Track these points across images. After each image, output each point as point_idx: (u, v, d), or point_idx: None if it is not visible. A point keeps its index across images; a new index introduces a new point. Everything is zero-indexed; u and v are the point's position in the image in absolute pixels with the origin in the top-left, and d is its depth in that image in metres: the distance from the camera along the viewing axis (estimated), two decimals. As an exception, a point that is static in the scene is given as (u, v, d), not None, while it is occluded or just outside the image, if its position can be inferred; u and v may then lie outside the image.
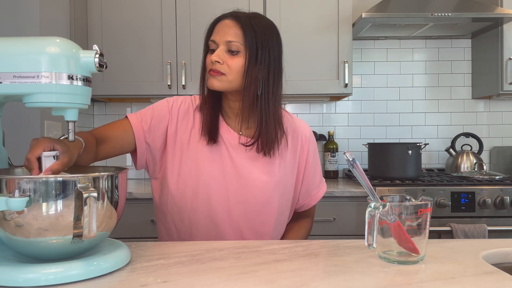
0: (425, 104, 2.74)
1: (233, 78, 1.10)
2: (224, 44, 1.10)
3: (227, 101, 1.18)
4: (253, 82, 1.11)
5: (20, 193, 0.71)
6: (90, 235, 0.72)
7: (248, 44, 1.09)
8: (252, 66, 1.10)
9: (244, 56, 1.09)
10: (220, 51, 1.10)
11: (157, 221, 1.26)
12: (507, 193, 2.04)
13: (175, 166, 1.17)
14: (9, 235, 0.74)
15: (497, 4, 2.42)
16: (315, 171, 1.29)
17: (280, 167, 1.19)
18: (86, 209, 0.71)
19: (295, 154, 1.23)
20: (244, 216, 1.16)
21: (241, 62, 1.09)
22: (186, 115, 1.20)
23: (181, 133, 1.18)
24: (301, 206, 1.30)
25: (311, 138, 1.27)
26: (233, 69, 1.09)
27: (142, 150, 1.17)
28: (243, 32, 1.09)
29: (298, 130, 1.25)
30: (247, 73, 1.10)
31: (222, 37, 1.10)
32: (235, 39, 1.09)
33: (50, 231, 0.73)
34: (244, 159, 1.17)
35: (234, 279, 0.75)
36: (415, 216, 0.84)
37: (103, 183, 0.78)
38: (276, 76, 1.14)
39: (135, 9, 2.33)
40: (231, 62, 1.09)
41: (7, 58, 0.74)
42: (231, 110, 1.19)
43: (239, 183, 1.16)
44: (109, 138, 1.12)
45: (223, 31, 1.10)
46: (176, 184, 1.16)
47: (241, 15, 1.12)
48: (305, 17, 2.35)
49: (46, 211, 0.72)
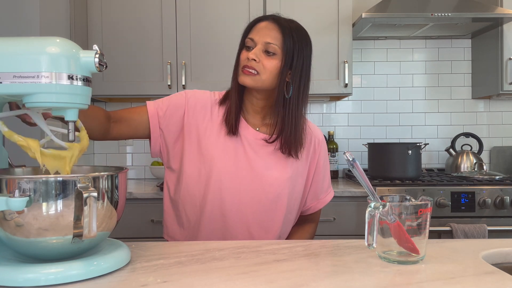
0: (425, 104, 2.74)
1: (266, 78, 1.14)
2: (262, 44, 1.14)
3: (251, 98, 1.22)
4: (283, 84, 1.16)
5: (20, 193, 0.71)
6: (90, 235, 0.72)
7: (286, 49, 1.14)
8: (286, 70, 1.15)
9: (280, 59, 1.14)
10: (257, 50, 1.14)
11: (165, 214, 1.27)
12: (507, 193, 2.04)
13: (191, 156, 1.19)
14: (9, 235, 0.74)
15: (497, 4, 2.42)
16: (325, 175, 1.32)
17: (293, 166, 1.22)
18: (86, 209, 0.71)
19: (307, 155, 1.26)
20: (253, 211, 1.18)
21: (276, 63, 1.14)
22: (203, 108, 1.23)
23: (199, 125, 1.21)
24: (307, 209, 1.32)
25: (323, 142, 1.32)
26: (267, 69, 1.14)
27: (156, 136, 1.20)
28: (283, 36, 1.14)
29: (312, 133, 1.29)
30: (281, 75, 1.15)
31: (262, 38, 1.14)
32: (274, 41, 1.14)
33: (50, 231, 0.73)
34: (259, 155, 1.20)
35: (234, 279, 0.75)
36: (415, 216, 0.84)
37: (103, 183, 0.78)
38: (307, 82, 1.20)
39: (135, 9, 2.33)
40: (266, 62, 1.14)
41: (7, 58, 0.74)
42: (252, 107, 1.23)
43: (251, 178, 1.18)
44: (124, 119, 1.17)
45: (263, 32, 1.15)
46: (191, 173, 1.19)
47: (282, 20, 1.17)
48: (305, 17, 2.33)
49: (46, 211, 0.72)
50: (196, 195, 1.19)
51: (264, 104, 1.21)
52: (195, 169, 1.19)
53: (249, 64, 1.14)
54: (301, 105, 1.19)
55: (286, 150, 1.19)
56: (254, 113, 1.23)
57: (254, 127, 1.23)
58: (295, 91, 1.17)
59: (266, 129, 1.23)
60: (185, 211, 1.21)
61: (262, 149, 1.21)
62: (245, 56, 1.15)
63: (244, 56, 1.16)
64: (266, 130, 1.23)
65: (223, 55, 2.29)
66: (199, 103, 1.23)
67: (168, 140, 1.21)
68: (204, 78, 2.32)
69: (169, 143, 1.22)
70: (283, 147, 1.19)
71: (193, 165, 1.19)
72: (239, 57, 1.19)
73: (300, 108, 1.19)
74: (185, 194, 1.20)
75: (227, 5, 2.33)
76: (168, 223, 1.27)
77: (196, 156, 1.19)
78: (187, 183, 1.20)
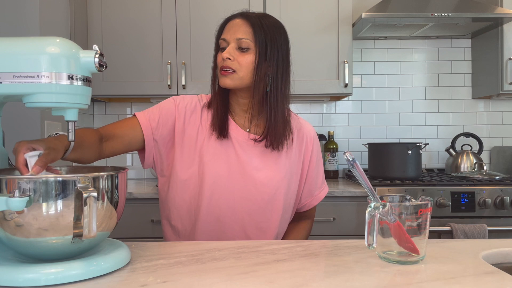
0: (425, 104, 2.74)
1: (244, 75, 1.13)
2: (234, 41, 1.13)
3: (236, 98, 1.21)
4: (263, 78, 1.14)
5: (20, 193, 0.71)
6: (90, 235, 0.72)
7: (258, 41, 1.13)
8: (261, 62, 1.13)
9: (254, 53, 1.13)
10: (230, 48, 1.13)
11: (162, 220, 1.26)
12: (507, 193, 2.04)
13: (183, 163, 1.19)
14: (9, 235, 0.74)
15: (497, 4, 2.42)
16: (318, 172, 1.31)
17: (286, 164, 1.21)
18: (86, 209, 0.71)
19: (300, 153, 1.25)
20: (249, 213, 1.18)
21: (251, 58, 1.13)
22: (193, 113, 1.22)
23: (189, 130, 1.20)
24: (302, 206, 1.32)
25: (315, 139, 1.30)
26: (243, 66, 1.13)
27: (150, 148, 1.18)
28: (253, 29, 1.13)
29: (303, 130, 1.27)
30: (257, 69, 1.13)
31: (233, 35, 1.13)
32: (245, 36, 1.13)
33: (50, 231, 0.73)
34: (251, 156, 1.19)
35: (234, 279, 0.75)
36: (415, 216, 0.84)
37: (103, 183, 0.78)
38: (285, 73, 1.17)
39: (135, 9, 2.33)
40: (241, 58, 1.13)
41: (7, 58, 0.74)
42: (239, 107, 1.22)
43: (245, 180, 1.17)
44: (117, 135, 1.13)
45: (234, 30, 1.14)
46: (183, 180, 1.18)
47: (251, 14, 1.16)
48: (305, 17, 2.35)
49: (46, 211, 0.72)
50: (189, 201, 1.18)
51: (249, 103, 1.19)
52: (187, 174, 1.18)
53: (224, 64, 1.13)
54: (281, 96, 1.17)
55: (269, 143, 1.17)
56: (243, 113, 1.22)
57: (244, 128, 1.22)
58: (273, 83, 1.15)
59: (256, 129, 1.22)
60: (180, 218, 1.20)
61: (253, 150, 1.19)
62: (221, 58, 1.14)
63: (219, 58, 1.15)
64: (256, 130, 1.21)
65: (223, 55, 2.28)
66: (188, 108, 1.21)
67: (161, 150, 1.20)
68: (204, 78, 2.32)
69: (162, 152, 1.20)
70: (267, 140, 1.18)
71: (185, 171, 1.18)
72: (215, 60, 1.18)
73: (279, 100, 1.16)
74: (180, 200, 1.19)
75: (227, 5, 2.33)
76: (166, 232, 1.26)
77: (188, 161, 1.18)
78: (181, 189, 1.18)
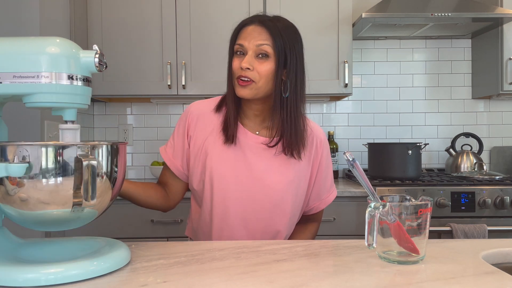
0: (425, 104, 2.74)
1: (262, 84, 1.12)
2: (253, 49, 1.11)
3: (249, 103, 1.19)
4: (280, 84, 1.13)
5: (20, 159, 0.71)
6: (90, 203, 0.72)
7: (278, 49, 1.11)
8: (281, 70, 1.12)
9: (274, 61, 1.11)
10: (249, 57, 1.11)
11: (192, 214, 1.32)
12: (507, 193, 2.04)
13: (195, 169, 1.20)
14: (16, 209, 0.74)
15: (497, 4, 2.42)
16: (327, 175, 1.30)
17: (295, 168, 1.20)
18: (86, 176, 0.71)
19: (309, 156, 1.24)
20: (257, 218, 1.18)
21: (271, 67, 1.11)
22: (201, 119, 1.22)
23: (199, 136, 1.21)
24: (310, 209, 1.31)
25: (325, 142, 1.29)
26: (262, 75, 1.11)
27: (184, 177, 1.26)
28: (272, 37, 1.11)
29: (313, 133, 1.26)
30: (276, 77, 1.12)
31: (252, 42, 1.11)
32: (265, 42, 1.11)
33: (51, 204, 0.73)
34: (259, 160, 1.18)
35: (234, 279, 0.75)
36: (415, 216, 0.84)
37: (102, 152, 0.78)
38: (303, 79, 1.17)
39: (135, 9, 2.33)
40: (260, 67, 1.11)
41: (7, 58, 0.74)
42: (251, 111, 1.20)
43: (253, 184, 1.17)
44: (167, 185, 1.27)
45: (251, 36, 1.12)
46: (196, 185, 1.21)
47: (266, 20, 1.13)
48: (305, 17, 2.35)
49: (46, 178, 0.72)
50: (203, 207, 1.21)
51: (262, 107, 1.18)
52: (200, 181, 1.20)
53: (243, 74, 1.11)
54: (300, 102, 1.17)
55: (289, 151, 1.17)
56: (253, 116, 1.20)
57: (253, 131, 1.21)
58: (292, 90, 1.14)
59: (266, 132, 1.20)
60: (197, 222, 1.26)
61: (263, 153, 1.19)
62: (238, 65, 1.12)
63: (236, 65, 1.13)
64: (266, 133, 1.20)
65: (223, 55, 2.27)
66: (199, 116, 1.22)
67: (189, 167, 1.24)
68: (204, 78, 2.32)
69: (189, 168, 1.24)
70: (286, 149, 1.17)
71: (196, 179, 1.20)
72: (231, 65, 1.16)
73: (299, 106, 1.16)
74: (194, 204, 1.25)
75: (227, 5, 2.33)
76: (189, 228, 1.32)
77: (198, 168, 1.20)
78: (195, 196, 1.24)
